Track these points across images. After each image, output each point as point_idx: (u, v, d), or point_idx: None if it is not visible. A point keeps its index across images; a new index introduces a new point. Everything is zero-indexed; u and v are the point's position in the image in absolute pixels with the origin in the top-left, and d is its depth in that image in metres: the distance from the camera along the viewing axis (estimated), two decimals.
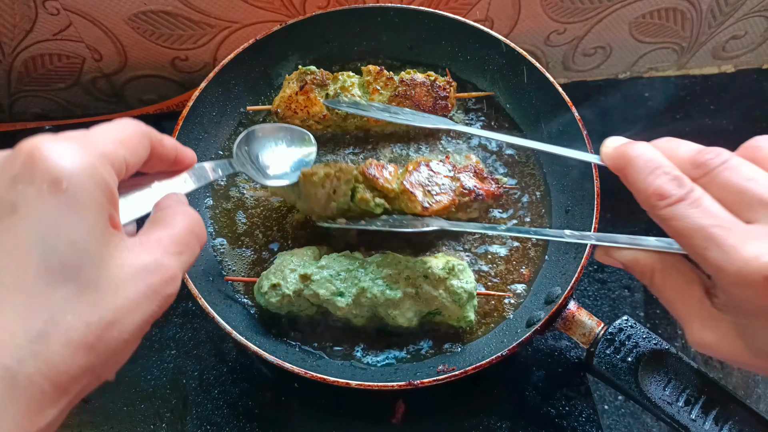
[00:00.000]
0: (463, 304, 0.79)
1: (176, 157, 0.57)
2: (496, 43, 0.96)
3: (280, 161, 0.83)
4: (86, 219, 0.40)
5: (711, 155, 0.51)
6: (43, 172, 0.39)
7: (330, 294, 0.79)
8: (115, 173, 0.45)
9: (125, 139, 0.48)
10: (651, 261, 0.56)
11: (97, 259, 0.40)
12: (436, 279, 0.79)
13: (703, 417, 0.68)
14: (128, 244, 0.44)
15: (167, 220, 0.49)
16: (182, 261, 0.47)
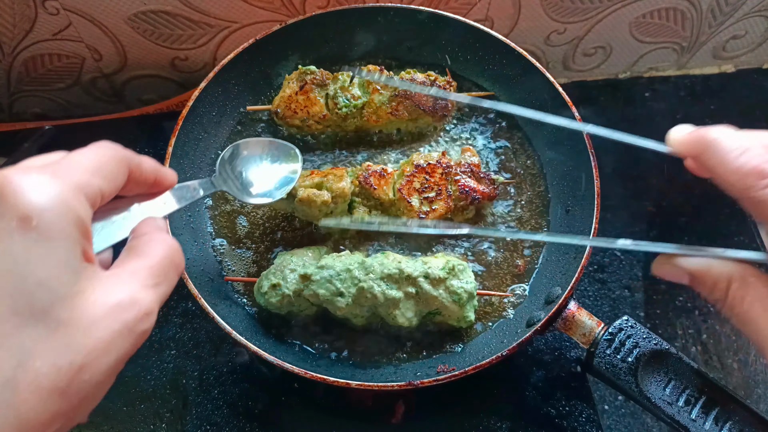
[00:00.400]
0: (463, 304, 0.79)
1: (155, 180, 0.55)
2: (496, 43, 0.96)
3: (264, 178, 0.81)
4: (57, 256, 0.39)
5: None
6: (12, 208, 0.38)
7: (330, 294, 0.79)
8: (89, 204, 0.43)
9: (101, 167, 0.46)
10: (727, 270, 0.50)
11: (68, 298, 0.39)
12: (436, 279, 0.79)
13: (703, 417, 0.68)
14: (102, 277, 0.42)
15: (144, 248, 0.47)
16: (159, 293, 0.45)
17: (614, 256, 0.99)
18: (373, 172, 0.87)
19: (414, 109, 0.94)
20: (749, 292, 0.49)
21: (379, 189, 0.86)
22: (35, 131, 0.98)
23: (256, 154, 0.82)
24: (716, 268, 0.51)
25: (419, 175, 0.87)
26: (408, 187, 0.86)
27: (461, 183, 0.87)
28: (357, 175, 0.87)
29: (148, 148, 1.06)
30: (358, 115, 0.95)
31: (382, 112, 0.94)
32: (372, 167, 0.88)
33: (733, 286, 0.50)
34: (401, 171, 0.88)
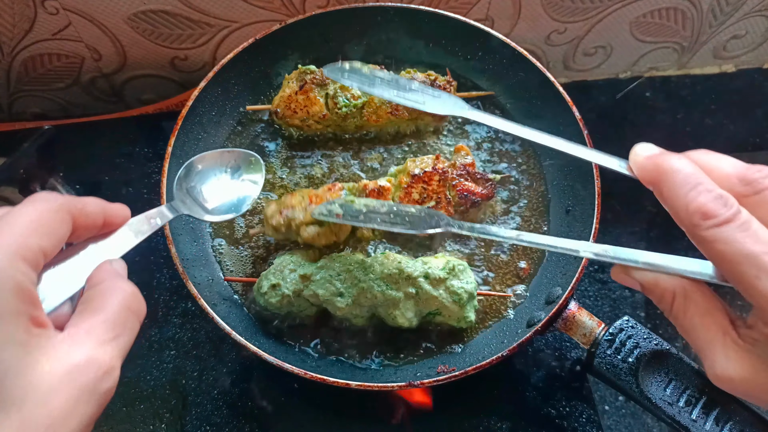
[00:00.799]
0: (463, 305, 0.79)
1: (105, 220, 0.53)
2: (496, 43, 0.96)
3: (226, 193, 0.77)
4: (1, 333, 0.38)
5: (763, 173, 0.48)
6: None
7: (330, 294, 0.78)
8: (31, 267, 0.41)
9: (38, 224, 0.44)
10: (673, 284, 0.53)
11: (19, 374, 0.37)
12: (436, 279, 0.79)
13: (703, 417, 0.67)
14: (55, 342, 0.40)
15: (99, 300, 0.46)
16: (119, 346, 0.44)
17: None
18: (371, 191, 0.86)
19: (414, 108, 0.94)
20: (690, 306, 0.51)
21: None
22: (35, 131, 0.98)
23: (213, 168, 0.78)
24: (663, 282, 0.54)
25: (416, 185, 0.87)
26: (407, 200, 0.86)
27: (459, 188, 0.87)
28: (355, 195, 0.86)
29: (147, 148, 1.06)
30: (358, 115, 0.95)
31: (382, 111, 0.94)
32: (369, 185, 0.87)
33: (676, 299, 0.52)
34: (398, 183, 0.88)
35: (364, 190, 0.86)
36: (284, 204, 0.85)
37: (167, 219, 0.66)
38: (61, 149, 1.01)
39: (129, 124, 1.11)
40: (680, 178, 0.49)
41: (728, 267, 0.46)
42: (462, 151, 0.91)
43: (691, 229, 0.49)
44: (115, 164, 1.04)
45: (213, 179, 0.77)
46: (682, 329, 0.52)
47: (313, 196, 0.85)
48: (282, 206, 0.85)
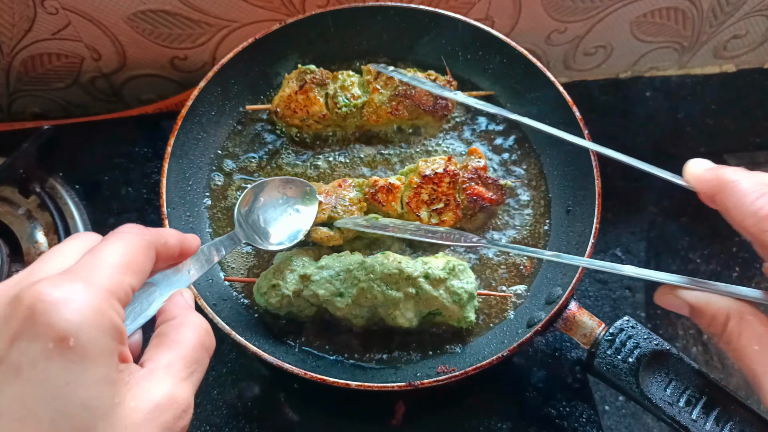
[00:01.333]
0: (464, 305, 0.79)
1: (181, 251, 0.55)
2: (496, 43, 0.96)
3: (283, 222, 0.81)
4: (97, 373, 0.38)
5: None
6: (47, 328, 0.37)
7: (330, 294, 0.78)
8: (122, 305, 0.42)
9: (130, 262, 0.45)
10: (727, 305, 0.52)
11: (110, 413, 0.38)
12: (436, 279, 0.79)
13: (704, 417, 0.67)
14: (138, 378, 0.42)
15: (174, 336, 0.47)
16: (194, 382, 0.46)
17: (615, 257, 0.99)
18: (381, 187, 0.86)
19: (414, 108, 0.94)
20: (746, 329, 0.50)
21: (387, 205, 0.86)
22: (34, 131, 0.98)
23: (272, 198, 0.81)
24: (715, 303, 0.53)
25: (426, 186, 0.86)
26: (416, 200, 0.86)
27: (469, 192, 0.87)
28: (364, 192, 0.87)
29: (147, 148, 1.06)
30: (358, 115, 0.95)
31: (382, 111, 0.94)
32: (379, 182, 0.87)
33: (731, 322, 0.51)
34: (408, 183, 0.88)
35: (374, 186, 0.86)
36: None
37: (232, 248, 0.69)
38: (60, 149, 1.01)
39: (128, 124, 1.11)
40: (745, 187, 0.50)
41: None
42: (475, 154, 0.91)
43: (759, 234, 0.48)
44: (114, 164, 1.04)
45: (272, 210, 0.81)
46: (736, 354, 0.51)
47: (323, 192, 0.86)
48: None
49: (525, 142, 0.98)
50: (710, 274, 0.98)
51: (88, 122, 1.10)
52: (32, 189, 0.96)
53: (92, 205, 1.00)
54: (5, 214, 0.97)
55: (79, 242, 0.47)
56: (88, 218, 0.99)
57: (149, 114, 1.13)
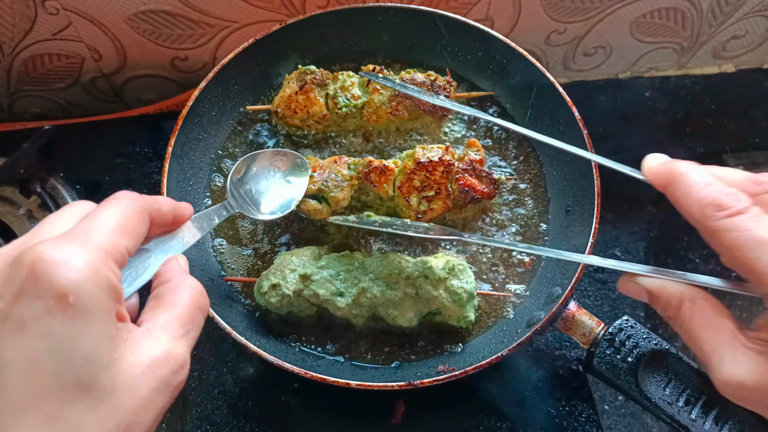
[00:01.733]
0: (463, 304, 0.79)
1: (174, 218, 0.57)
2: (496, 43, 0.96)
3: (275, 192, 0.82)
4: (96, 328, 0.40)
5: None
6: (49, 286, 0.38)
7: (330, 294, 0.79)
8: (119, 266, 0.44)
9: (125, 225, 0.47)
10: (679, 290, 0.56)
11: (109, 366, 0.40)
12: (436, 279, 0.79)
13: (703, 417, 0.68)
14: (136, 336, 0.44)
15: (170, 297, 0.49)
16: (189, 340, 0.48)
17: (614, 256, 0.99)
18: (375, 168, 0.87)
19: (414, 108, 0.94)
20: (697, 312, 0.54)
21: (379, 186, 0.86)
22: (35, 131, 0.98)
23: (264, 169, 0.83)
24: (670, 288, 0.56)
25: (420, 172, 0.87)
26: (408, 185, 0.86)
27: (462, 182, 0.87)
28: (358, 170, 0.87)
29: (147, 148, 1.06)
30: (358, 115, 0.95)
31: (382, 111, 0.94)
32: (374, 163, 0.87)
33: (684, 305, 0.55)
34: (403, 167, 0.88)
35: (368, 166, 0.87)
36: None
37: (225, 216, 0.71)
38: (61, 149, 1.01)
39: (129, 124, 1.11)
40: (693, 178, 0.53)
41: (740, 254, 0.48)
42: (474, 146, 0.91)
43: (703, 221, 0.51)
44: (115, 164, 1.04)
45: (264, 180, 0.82)
46: (689, 335, 0.53)
47: (317, 167, 0.87)
48: None
49: (525, 142, 0.98)
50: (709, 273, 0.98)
51: (89, 122, 1.10)
52: (33, 189, 0.97)
53: None
54: (6, 214, 0.97)
55: (77, 209, 0.49)
56: None
57: (150, 114, 1.13)
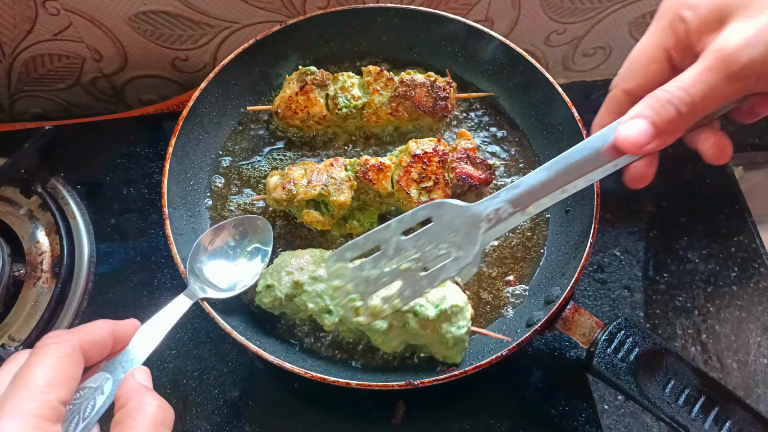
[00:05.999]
0: (450, 348, 0.76)
1: (116, 341, 0.57)
2: (496, 44, 0.96)
3: (236, 266, 0.80)
4: None
5: None
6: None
7: (318, 309, 0.77)
8: (53, 422, 0.44)
9: (55, 376, 0.47)
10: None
11: None
12: (424, 319, 0.73)
13: (702, 417, 0.68)
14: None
15: (129, 421, 0.49)
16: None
17: (614, 257, 1.00)
18: (372, 166, 0.87)
19: (414, 109, 0.94)
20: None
21: (377, 183, 0.86)
22: (36, 131, 0.98)
23: (223, 244, 0.80)
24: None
25: (416, 164, 0.87)
26: (406, 178, 0.87)
27: (458, 170, 0.88)
28: (355, 170, 0.88)
29: (148, 148, 1.06)
30: (358, 116, 0.95)
31: (382, 112, 0.94)
32: (370, 161, 0.88)
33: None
34: (399, 162, 0.89)
35: (364, 165, 0.87)
36: (287, 177, 0.86)
37: (185, 309, 0.69)
38: (62, 149, 1.02)
39: (130, 124, 1.11)
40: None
41: None
42: (464, 136, 0.92)
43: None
44: (116, 164, 1.04)
45: (224, 256, 0.80)
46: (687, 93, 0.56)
47: (315, 170, 0.87)
48: (285, 179, 0.86)
49: (525, 142, 0.98)
50: (709, 273, 0.99)
51: (90, 123, 1.10)
52: (34, 189, 0.97)
53: (94, 206, 1.01)
54: (7, 214, 0.97)
55: (9, 369, 0.48)
56: (90, 218, 0.99)
57: (150, 114, 1.13)
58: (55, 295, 0.89)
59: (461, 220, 0.64)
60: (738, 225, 1.03)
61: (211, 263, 0.79)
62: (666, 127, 0.56)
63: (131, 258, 0.96)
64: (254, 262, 0.82)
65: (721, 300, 0.97)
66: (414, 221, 0.65)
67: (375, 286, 0.67)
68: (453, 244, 0.65)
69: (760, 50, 0.51)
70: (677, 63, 0.60)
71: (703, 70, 0.54)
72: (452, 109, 0.97)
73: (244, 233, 0.82)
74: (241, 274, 0.80)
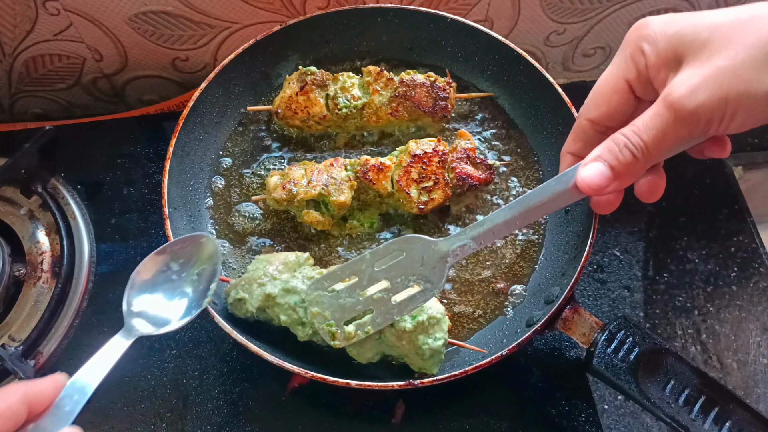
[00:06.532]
0: (426, 359, 0.75)
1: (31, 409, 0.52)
2: (495, 44, 0.96)
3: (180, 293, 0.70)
4: None
5: None
6: None
7: (291, 321, 0.76)
8: None
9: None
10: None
11: None
12: (400, 330, 0.73)
13: (702, 417, 0.68)
14: None
15: None
16: None
17: (614, 257, 1.00)
18: (372, 166, 0.87)
19: (414, 109, 0.94)
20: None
21: (378, 183, 0.87)
22: (36, 131, 0.98)
23: (160, 272, 0.71)
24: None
25: (416, 164, 0.87)
26: (406, 178, 0.87)
27: (458, 170, 0.88)
28: (355, 170, 0.88)
29: (148, 149, 1.06)
30: (358, 116, 0.95)
31: (382, 112, 0.94)
32: (370, 161, 0.88)
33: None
34: (399, 162, 0.89)
35: (365, 165, 0.87)
36: (287, 177, 0.86)
37: (123, 349, 0.63)
38: (62, 149, 1.02)
39: (130, 124, 1.11)
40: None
41: None
42: (464, 137, 0.92)
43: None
44: (116, 164, 1.05)
45: (167, 283, 0.71)
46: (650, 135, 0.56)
47: (314, 170, 0.87)
48: (285, 179, 0.86)
49: (525, 143, 0.98)
50: (708, 273, 0.99)
51: (90, 123, 1.10)
52: (34, 189, 0.97)
53: (94, 206, 1.01)
54: (7, 214, 0.97)
55: None
56: (90, 218, 0.99)
57: (151, 114, 1.14)
58: (55, 295, 0.89)
59: (429, 255, 0.70)
60: (738, 225, 1.03)
61: (151, 294, 0.70)
62: (624, 170, 0.58)
63: (131, 258, 0.96)
64: (202, 285, 0.73)
65: (721, 300, 0.97)
66: (386, 254, 0.70)
67: (350, 313, 0.72)
68: (421, 276, 0.70)
69: (706, 98, 0.52)
70: (640, 94, 0.61)
71: (654, 114, 0.55)
72: (452, 109, 0.97)
73: (189, 255, 0.73)
74: (189, 301, 0.71)
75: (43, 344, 0.87)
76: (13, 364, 0.80)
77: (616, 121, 0.62)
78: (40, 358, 0.86)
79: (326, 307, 0.72)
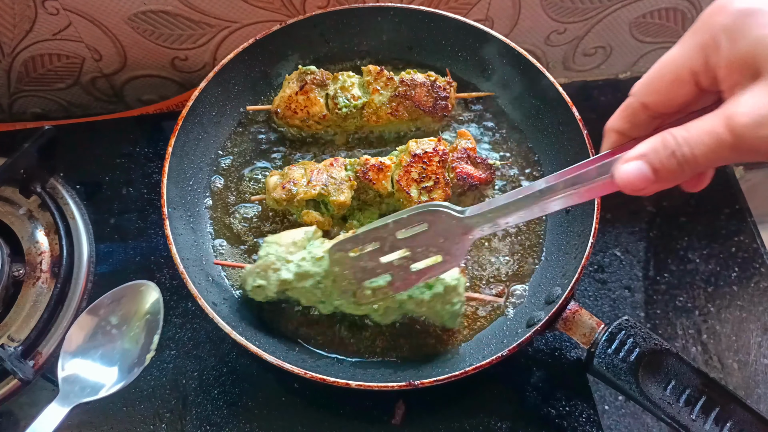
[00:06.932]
0: (446, 320, 0.80)
1: None
2: (496, 43, 0.96)
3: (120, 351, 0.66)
4: None
5: None
6: None
7: (311, 302, 0.80)
8: None
9: None
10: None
11: None
12: (419, 301, 0.77)
13: (703, 417, 0.68)
14: None
15: None
16: None
17: (614, 256, 0.99)
18: (372, 166, 0.87)
19: (414, 109, 0.94)
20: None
21: (378, 183, 0.86)
22: (35, 131, 0.98)
23: (96, 332, 0.67)
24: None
25: (417, 164, 0.87)
26: (406, 178, 0.87)
27: (459, 170, 0.88)
28: (355, 170, 0.88)
29: (148, 148, 1.06)
30: (358, 116, 0.95)
31: (382, 112, 0.94)
32: (370, 161, 0.88)
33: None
34: (399, 161, 0.89)
35: (365, 165, 0.87)
36: (287, 177, 0.86)
37: (62, 417, 0.59)
38: (61, 149, 1.01)
39: (129, 124, 1.11)
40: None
41: None
42: (464, 136, 0.92)
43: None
44: (115, 164, 1.04)
45: (103, 343, 0.67)
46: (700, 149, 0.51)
47: (314, 170, 0.87)
48: (285, 179, 0.86)
49: (525, 143, 0.98)
50: (709, 274, 0.99)
51: (89, 122, 1.10)
52: (33, 189, 0.97)
53: (93, 205, 1.01)
54: (6, 214, 0.97)
55: None
56: (89, 218, 0.99)
57: (150, 114, 1.13)
58: (54, 295, 0.89)
59: (452, 230, 0.68)
60: (738, 225, 1.03)
61: (86, 358, 0.66)
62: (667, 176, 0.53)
63: (131, 258, 0.96)
64: (144, 339, 0.70)
65: (722, 300, 0.97)
66: (409, 224, 0.69)
67: (370, 275, 0.73)
68: (442, 249, 0.69)
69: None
70: (705, 86, 0.55)
71: (710, 131, 0.49)
72: (452, 108, 0.97)
73: (128, 306, 0.70)
74: (131, 359, 0.68)
75: (42, 344, 0.87)
76: (12, 364, 0.80)
77: (674, 109, 0.57)
78: (40, 358, 0.86)
79: (347, 268, 0.74)
